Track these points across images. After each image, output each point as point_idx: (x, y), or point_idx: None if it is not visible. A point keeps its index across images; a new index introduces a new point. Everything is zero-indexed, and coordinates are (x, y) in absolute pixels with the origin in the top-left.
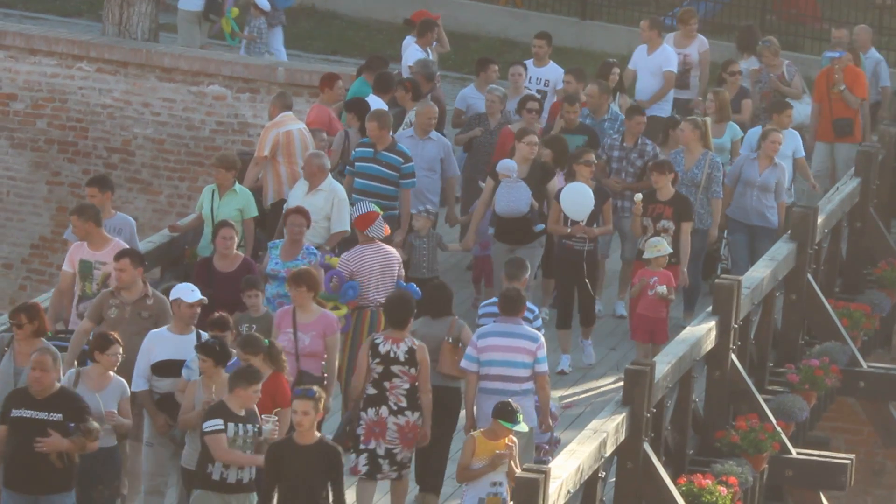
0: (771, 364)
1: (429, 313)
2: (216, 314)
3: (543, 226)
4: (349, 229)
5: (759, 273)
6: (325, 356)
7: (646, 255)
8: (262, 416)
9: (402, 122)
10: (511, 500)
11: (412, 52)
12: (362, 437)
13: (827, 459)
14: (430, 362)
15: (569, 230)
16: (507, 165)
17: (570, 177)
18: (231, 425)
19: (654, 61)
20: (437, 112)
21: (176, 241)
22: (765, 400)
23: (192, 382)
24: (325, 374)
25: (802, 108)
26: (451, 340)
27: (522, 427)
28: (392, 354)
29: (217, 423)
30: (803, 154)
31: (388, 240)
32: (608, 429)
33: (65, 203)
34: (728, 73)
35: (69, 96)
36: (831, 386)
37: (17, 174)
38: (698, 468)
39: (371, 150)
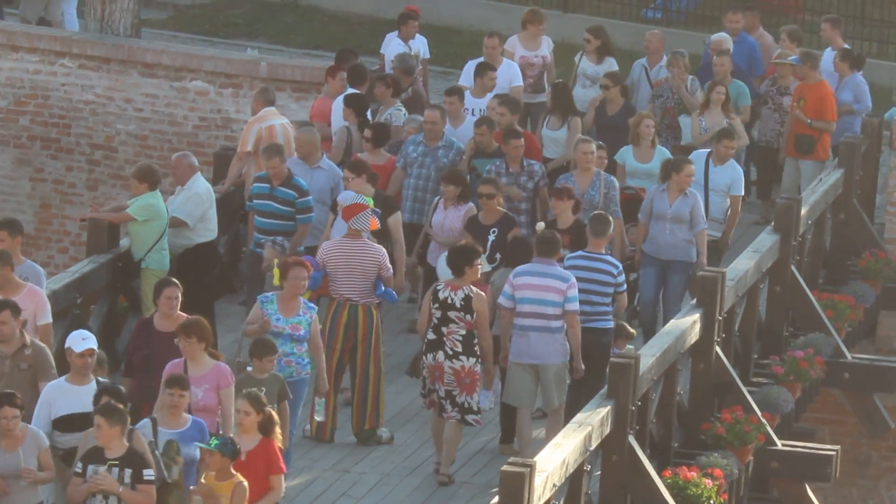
0: (755, 356)
1: (510, 264)
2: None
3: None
4: (189, 222)
5: (743, 265)
6: (220, 410)
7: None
8: (97, 467)
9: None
10: None
11: (394, 46)
12: (427, 380)
13: (812, 451)
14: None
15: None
16: (346, 198)
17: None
18: (91, 467)
19: (502, 79)
20: (319, 139)
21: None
22: (749, 392)
23: (86, 433)
24: (221, 431)
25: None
26: None
27: (212, 443)
28: (449, 301)
29: (77, 465)
30: (741, 193)
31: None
32: (593, 422)
33: (48, 200)
34: (605, 88)
35: (52, 93)
36: (816, 377)
37: (0, 171)
38: (683, 461)
39: (267, 185)
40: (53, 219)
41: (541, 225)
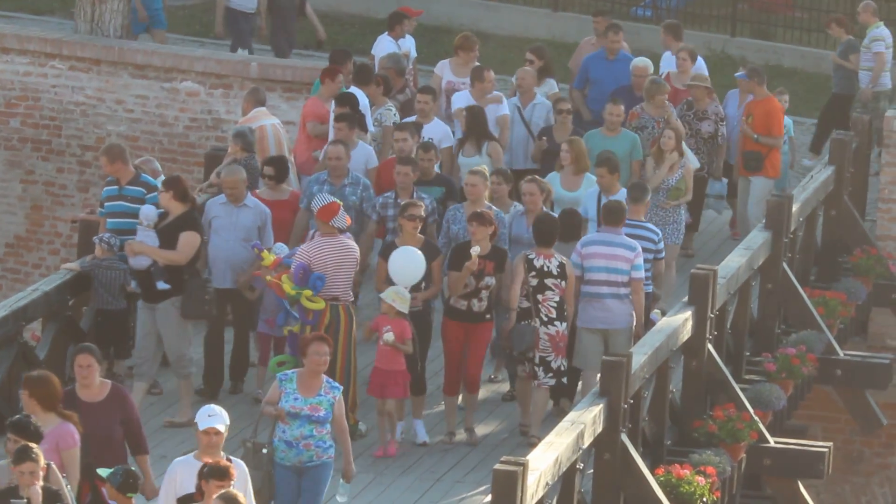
0: (747, 353)
1: (560, 238)
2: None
3: (168, 286)
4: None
5: (735, 262)
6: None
7: (387, 298)
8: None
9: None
10: None
11: (384, 45)
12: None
13: (804, 448)
14: None
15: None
16: (145, 212)
17: (399, 232)
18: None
19: (490, 112)
20: (244, 179)
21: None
22: (742, 389)
23: None
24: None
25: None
26: None
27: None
28: (546, 268)
29: None
30: None
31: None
32: (585, 420)
33: (39, 202)
34: (558, 112)
35: (42, 94)
36: (808, 374)
37: None
38: (676, 458)
39: (116, 186)
40: (44, 220)
41: (476, 249)
